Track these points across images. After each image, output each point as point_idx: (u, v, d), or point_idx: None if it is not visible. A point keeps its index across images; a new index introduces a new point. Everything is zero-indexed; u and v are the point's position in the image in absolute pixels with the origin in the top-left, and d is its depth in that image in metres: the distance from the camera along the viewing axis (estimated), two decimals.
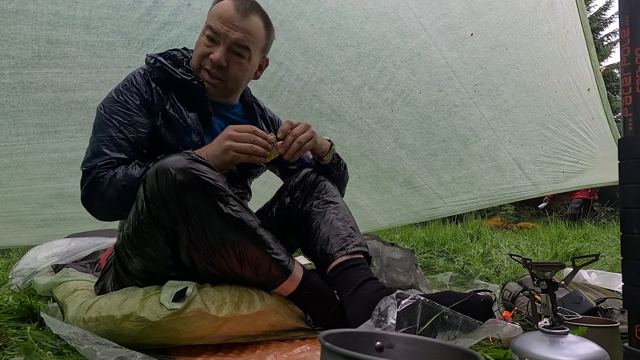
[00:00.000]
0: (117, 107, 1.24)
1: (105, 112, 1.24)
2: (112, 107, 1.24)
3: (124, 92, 1.26)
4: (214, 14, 1.28)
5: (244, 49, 1.28)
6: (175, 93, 1.30)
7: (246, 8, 1.27)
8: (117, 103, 1.24)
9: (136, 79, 1.28)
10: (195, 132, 1.29)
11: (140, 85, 1.27)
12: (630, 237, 0.76)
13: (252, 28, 1.28)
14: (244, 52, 1.28)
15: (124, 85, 1.27)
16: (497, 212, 10.94)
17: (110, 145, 1.20)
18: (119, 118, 1.22)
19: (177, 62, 1.31)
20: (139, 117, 1.25)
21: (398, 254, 1.78)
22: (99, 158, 1.19)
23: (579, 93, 2.08)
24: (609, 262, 2.24)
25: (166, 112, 1.28)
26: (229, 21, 1.25)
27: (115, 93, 1.26)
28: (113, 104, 1.24)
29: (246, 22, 1.27)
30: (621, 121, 0.81)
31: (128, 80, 1.28)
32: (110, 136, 1.21)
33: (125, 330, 0.97)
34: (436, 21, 1.95)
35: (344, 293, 1.14)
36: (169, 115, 1.27)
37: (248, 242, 1.08)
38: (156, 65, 1.29)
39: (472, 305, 1.03)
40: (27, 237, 2.69)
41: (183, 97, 1.30)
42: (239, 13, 1.26)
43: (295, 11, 1.96)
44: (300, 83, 2.27)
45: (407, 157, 2.59)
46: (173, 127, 1.28)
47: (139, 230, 1.10)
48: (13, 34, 1.71)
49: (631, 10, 0.78)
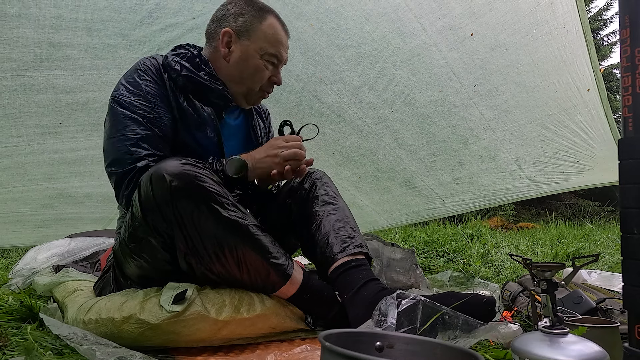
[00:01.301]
0: (139, 101, 1.17)
1: (126, 107, 1.17)
2: (133, 101, 1.17)
3: (141, 84, 1.19)
4: (272, 39, 1.29)
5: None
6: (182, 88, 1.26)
7: (286, 27, 1.33)
8: (139, 97, 1.18)
9: (147, 70, 1.22)
10: (211, 127, 1.27)
11: (152, 76, 1.22)
12: (630, 237, 0.76)
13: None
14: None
15: (140, 76, 1.20)
16: (497, 212, 10.94)
17: (142, 143, 1.14)
18: (142, 113, 1.17)
19: (195, 65, 1.26)
20: (162, 110, 1.20)
21: (398, 254, 1.78)
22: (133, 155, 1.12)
23: (578, 93, 2.09)
24: (609, 262, 2.24)
25: (181, 105, 1.24)
26: (285, 46, 1.32)
27: (133, 86, 1.19)
28: (134, 98, 1.18)
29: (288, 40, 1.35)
30: (621, 121, 0.81)
31: (142, 71, 1.21)
32: (138, 134, 1.15)
33: (125, 333, 0.97)
34: (436, 22, 1.95)
35: (345, 294, 1.14)
36: (184, 108, 1.24)
37: (246, 247, 1.07)
38: (183, 74, 1.23)
39: (475, 305, 1.03)
40: (27, 238, 2.69)
41: (198, 94, 1.27)
42: (287, 34, 1.34)
43: (295, 11, 1.96)
44: (300, 83, 2.27)
45: (407, 158, 2.60)
46: (187, 121, 1.24)
47: (134, 235, 1.09)
48: (15, 37, 1.72)
49: (631, 10, 0.78)
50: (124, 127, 1.16)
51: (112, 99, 1.20)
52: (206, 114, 1.27)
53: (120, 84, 1.22)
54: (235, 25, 1.27)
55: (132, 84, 1.20)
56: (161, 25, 1.89)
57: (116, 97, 1.20)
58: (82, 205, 2.56)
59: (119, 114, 1.17)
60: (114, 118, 1.18)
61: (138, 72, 1.22)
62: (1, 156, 2.12)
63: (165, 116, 1.21)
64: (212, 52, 1.31)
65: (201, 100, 1.28)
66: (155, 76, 1.23)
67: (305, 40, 2.08)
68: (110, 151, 1.17)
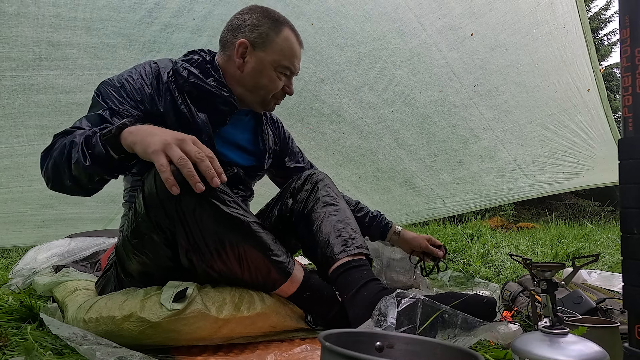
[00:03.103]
0: (112, 91, 1.19)
1: (100, 95, 1.19)
2: (108, 90, 1.19)
3: (127, 81, 1.21)
4: (288, 52, 1.29)
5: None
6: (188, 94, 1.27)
7: (300, 39, 1.34)
8: (114, 88, 1.19)
9: (145, 71, 1.24)
10: (205, 133, 1.28)
11: (149, 78, 1.23)
12: (630, 237, 0.76)
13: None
14: None
15: (129, 74, 1.23)
16: (497, 212, 10.95)
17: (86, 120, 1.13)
18: (110, 103, 1.17)
19: (204, 71, 1.27)
20: (131, 107, 1.19)
21: (398, 254, 1.78)
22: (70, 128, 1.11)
23: (578, 93, 2.09)
24: (609, 262, 2.24)
25: (178, 109, 1.25)
26: (299, 58, 1.34)
27: (118, 78, 1.22)
28: (110, 87, 1.19)
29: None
30: (621, 121, 0.81)
31: (136, 71, 1.24)
32: (94, 115, 1.14)
33: (126, 331, 0.97)
34: (436, 21, 1.95)
35: (346, 294, 1.14)
36: (181, 113, 1.25)
37: (247, 244, 1.08)
38: (189, 80, 1.24)
39: (475, 305, 1.03)
40: (27, 238, 2.69)
41: (196, 99, 1.28)
42: (301, 46, 1.34)
43: (295, 11, 1.96)
44: (300, 83, 2.27)
45: (407, 158, 2.60)
46: (184, 126, 1.25)
47: (137, 231, 1.09)
48: (14, 37, 1.72)
49: (631, 10, 0.78)
50: (88, 111, 1.18)
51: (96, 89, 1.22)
52: (200, 120, 1.27)
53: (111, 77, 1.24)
54: (251, 37, 1.28)
55: (116, 78, 1.22)
56: (161, 25, 1.88)
57: (99, 86, 1.22)
58: (82, 205, 2.56)
59: (93, 99, 1.20)
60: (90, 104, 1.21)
61: (129, 70, 1.25)
62: (1, 156, 2.12)
63: (131, 112, 1.19)
64: (226, 60, 1.32)
65: (196, 104, 1.28)
66: (144, 78, 1.23)
67: (306, 39, 2.07)
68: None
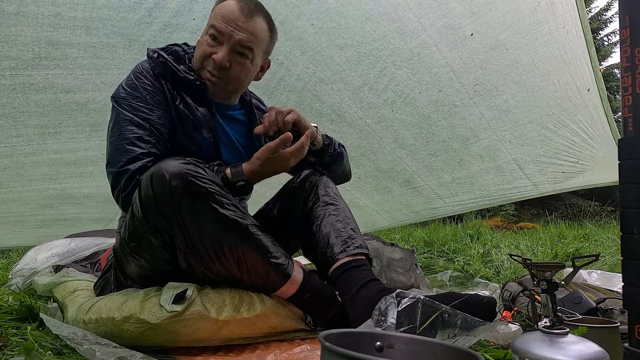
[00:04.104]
0: (137, 103, 1.21)
1: (126, 109, 1.20)
2: (132, 103, 1.21)
3: (139, 86, 1.23)
4: (218, 13, 1.26)
5: (248, 49, 1.27)
6: (182, 89, 1.28)
7: (251, 9, 1.27)
8: (137, 98, 1.21)
9: (144, 72, 1.26)
10: (207, 128, 1.28)
11: (150, 78, 1.25)
12: (630, 237, 0.76)
13: (256, 29, 1.27)
14: (248, 53, 1.27)
15: (138, 79, 1.24)
16: (497, 212, 10.94)
17: (139, 142, 1.16)
18: (141, 114, 1.20)
19: (178, 59, 1.29)
20: (159, 111, 1.23)
21: (398, 254, 1.78)
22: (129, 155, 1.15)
23: (578, 93, 2.09)
24: (609, 262, 2.24)
25: (177, 107, 1.26)
26: (233, 21, 1.24)
27: (131, 88, 1.23)
28: (132, 100, 1.21)
29: (251, 23, 1.26)
30: (621, 121, 0.81)
31: (140, 74, 1.25)
32: (136, 133, 1.17)
33: (125, 332, 0.97)
34: (436, 21, 1.95)
35: (346, 294, 1.14)
36: (180, 110, 1.26)
37: (246, 246, 1.07)
38: (160, 60, 1.26)
39: (476, 305, 1.03)
40: (27, 238, 2.69)
41: (190, 94, 1.29)
42: (244, 14, 1.25)
43: (295, 11, 1.96)
44: (300, 83, 2.27)
45: (407, 158, 2.60)
46: (183, 122, 1.26)
47: (135, 234, 1.09)
48: (14, 36, 1.71)
49: (631, 11, 0.78)
50: (123, 127, 1.19)
51: (113, 100, 1.24)
52: (200, 114, 1.28)
53: (120, 86, 1.26)
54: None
55: (130, 85, 1.24)
56: (161, 25, 1.88)
57: (116, 98, 1.24)
58: (82, 205, 2.56)
59: (119, 114, 1.21)
60: (115, 119, 1.22)
61: (136, 74, 1.25)
62: (1, 156, 2.12)
63: (163, 117, 1.23)
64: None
65: (193, 99, 1.29)
66: (152, 79, 1.25)
67: (306, 39, 2.08)
68: (109, 150, 1.20)
